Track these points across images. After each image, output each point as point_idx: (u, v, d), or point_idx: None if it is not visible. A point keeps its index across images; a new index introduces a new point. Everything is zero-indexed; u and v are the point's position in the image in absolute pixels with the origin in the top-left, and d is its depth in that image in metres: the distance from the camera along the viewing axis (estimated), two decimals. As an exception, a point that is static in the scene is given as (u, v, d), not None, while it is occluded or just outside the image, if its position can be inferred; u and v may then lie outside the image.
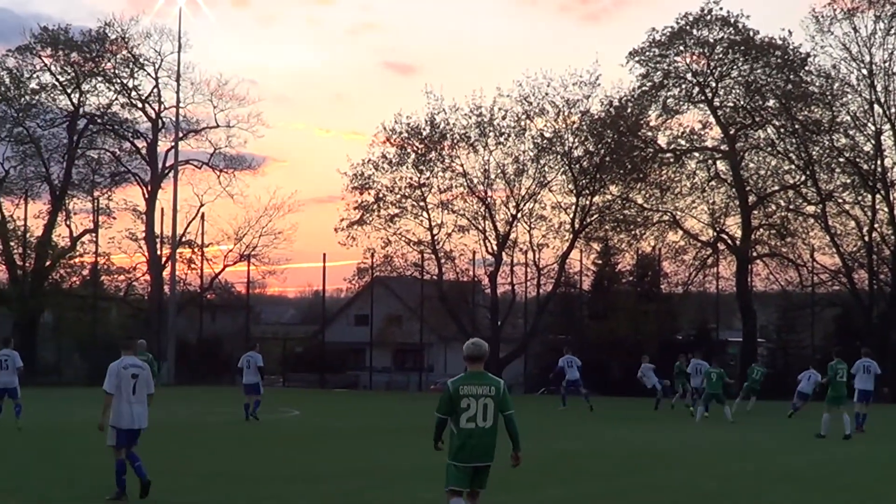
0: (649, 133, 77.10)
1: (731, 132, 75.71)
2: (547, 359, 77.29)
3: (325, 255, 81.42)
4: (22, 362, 33.58)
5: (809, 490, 21.01)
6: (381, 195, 76.93)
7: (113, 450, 18.41)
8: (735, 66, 75.32)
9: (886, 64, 71.92)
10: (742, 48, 74.26)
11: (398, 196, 76.95)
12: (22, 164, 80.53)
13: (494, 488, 14.72)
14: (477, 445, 13.81)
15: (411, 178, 76.85)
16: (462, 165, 76.59)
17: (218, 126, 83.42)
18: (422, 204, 76.93)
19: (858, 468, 25.48)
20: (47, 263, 78.89)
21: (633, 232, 76.88)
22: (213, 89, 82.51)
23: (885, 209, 72.68)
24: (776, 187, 76.36)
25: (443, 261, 77.26)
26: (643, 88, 75.99)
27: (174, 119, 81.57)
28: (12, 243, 78.14)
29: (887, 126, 72.46)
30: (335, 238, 77.96)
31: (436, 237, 76.89)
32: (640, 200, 76.87)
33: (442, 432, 14.25)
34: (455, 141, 76.56)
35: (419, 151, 76.53)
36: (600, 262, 79.96)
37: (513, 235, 76.81)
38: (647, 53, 75.69)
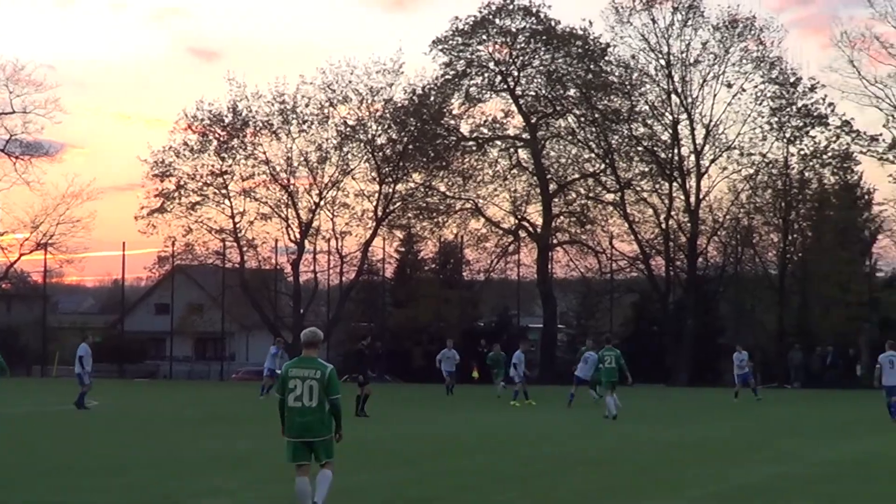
0: (452, 121, 77.61)
1: (533, 121, 76.56)
2: (350, 347, 77.34)
3: (124, 243, 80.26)
4: None
5: (606, 473, 21.29)
6: (182, 183, 76.04)
7: None
8: (536, 56, 76.19)
9: (683, 55, 73.47)
10: (543, 38, 75.13)
11: (200, 184, 76.17)
12: None
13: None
14: (304, 423, 15.09)
15: (213, 166, 76.19)
16: (265, 153, 76.18)
17: (14, 112, 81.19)
18: (224, 192, 76.35)
19: (650, 450, 25.92)
20: None
21: (435, 219, 77.24)
22: (9, 74, 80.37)
23: (682, 197, 74.24)
24: (576, 175, 77.47)
25: (245, 249, 76.74)
26: (446, 77, 76.42)
27: (-33, 104, 79.22)
28: None
29: (684, 116, 74.00)
30: (135, 226, 76.93)
31: (238, 225, 76.33)
32: (442, 188, 77.32)
33: (283, 412, 15.31)
34: (258, 128, 76.12)
35: (221, 139, 75.85)
36: (403, 249, 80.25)
37: (316, 223, 76.72)
38: (451, 42, 76.12)
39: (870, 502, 17.85)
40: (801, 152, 72.86)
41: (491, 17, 75.25)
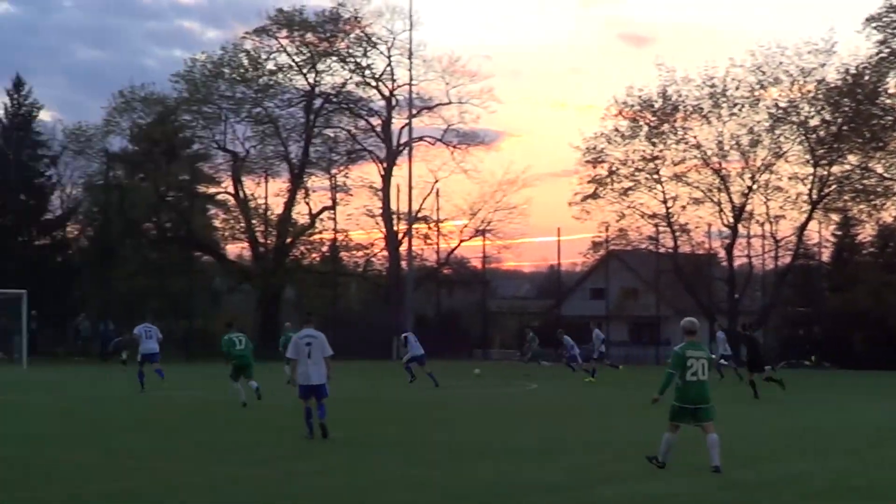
0: (888, 101, 75.25)
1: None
2: (786, 332, 76.40)
3: (559, 229, 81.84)
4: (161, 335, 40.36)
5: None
6: (614, 168, 76.92)
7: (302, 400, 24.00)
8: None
9: None
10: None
11: (631, 169, 76.87)
12: (261, 143, 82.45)
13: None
14: (698, 392, 18.75)
15: (644, 151, 76.69)
16: (695, 137, 76.09)
17: (450, 103, 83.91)
18: (655, 177, 76.74)
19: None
20: (288, 240, 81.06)
21: (873, 202, 75.12)
22: (445, 66, 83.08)
23: None
24: None
25: (678, 233, 76.88)
26: (881, 55, 74.18)
27: (407, 97, 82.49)
28: (254, 221, 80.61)
29: None
30: (569, 212, 78.26)
31: (670, 210, 76.58)
32: (880, 170, 75.08)
33: (668, 385, 18.98)
34: (688, 113, 76.05)
35: (651, 124, 76.27)
36: (840, 233, 78.38)
37: (749, 207, 75.99)
38: (885, 19, 73.83)
39: None
40: None
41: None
